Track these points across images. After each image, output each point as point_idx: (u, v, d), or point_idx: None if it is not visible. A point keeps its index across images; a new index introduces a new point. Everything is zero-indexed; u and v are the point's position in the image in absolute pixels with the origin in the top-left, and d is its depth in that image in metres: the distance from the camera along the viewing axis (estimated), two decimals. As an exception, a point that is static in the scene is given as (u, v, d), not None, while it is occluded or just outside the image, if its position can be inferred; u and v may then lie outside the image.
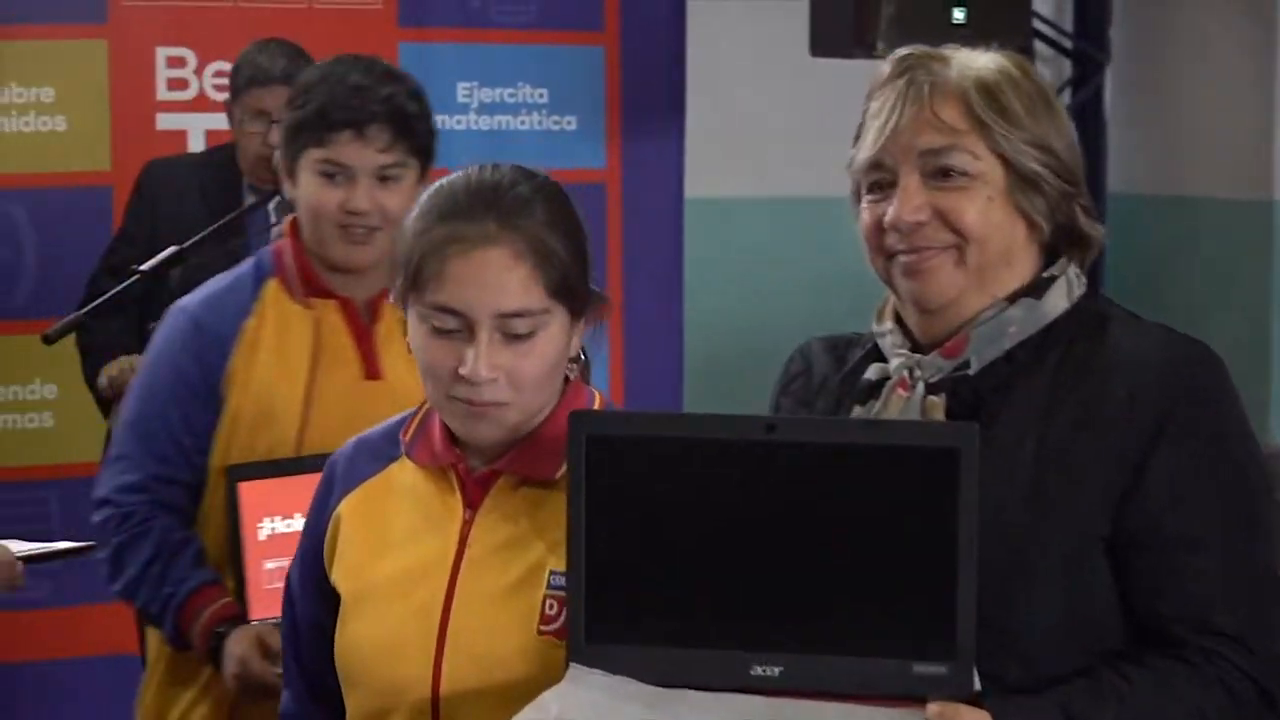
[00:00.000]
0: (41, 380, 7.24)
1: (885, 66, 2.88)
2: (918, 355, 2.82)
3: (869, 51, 7.38)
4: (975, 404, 2.76)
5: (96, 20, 7.54)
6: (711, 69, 8.83)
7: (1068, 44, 13.80)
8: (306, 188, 4.02)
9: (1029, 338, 2.79)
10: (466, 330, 2.86)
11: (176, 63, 7.67)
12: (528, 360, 2.88)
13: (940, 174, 2.77)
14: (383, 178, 3.99)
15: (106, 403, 6.15)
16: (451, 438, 3.03)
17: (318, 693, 3.18)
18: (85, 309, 5.67)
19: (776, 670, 2.53)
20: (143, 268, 5.29)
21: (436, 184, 3.02)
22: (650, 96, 8.39)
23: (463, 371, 2.84)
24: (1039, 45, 12.74)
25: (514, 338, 2.87)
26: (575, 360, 3.03)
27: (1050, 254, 2.87)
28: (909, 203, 2.76)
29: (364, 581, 3.08)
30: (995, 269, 2.80)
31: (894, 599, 2.52)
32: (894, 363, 2.84)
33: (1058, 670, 2.66)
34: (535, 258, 2.88)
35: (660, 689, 2.54)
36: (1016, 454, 2.70)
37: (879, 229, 2.82)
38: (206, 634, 3.76)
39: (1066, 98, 13.80)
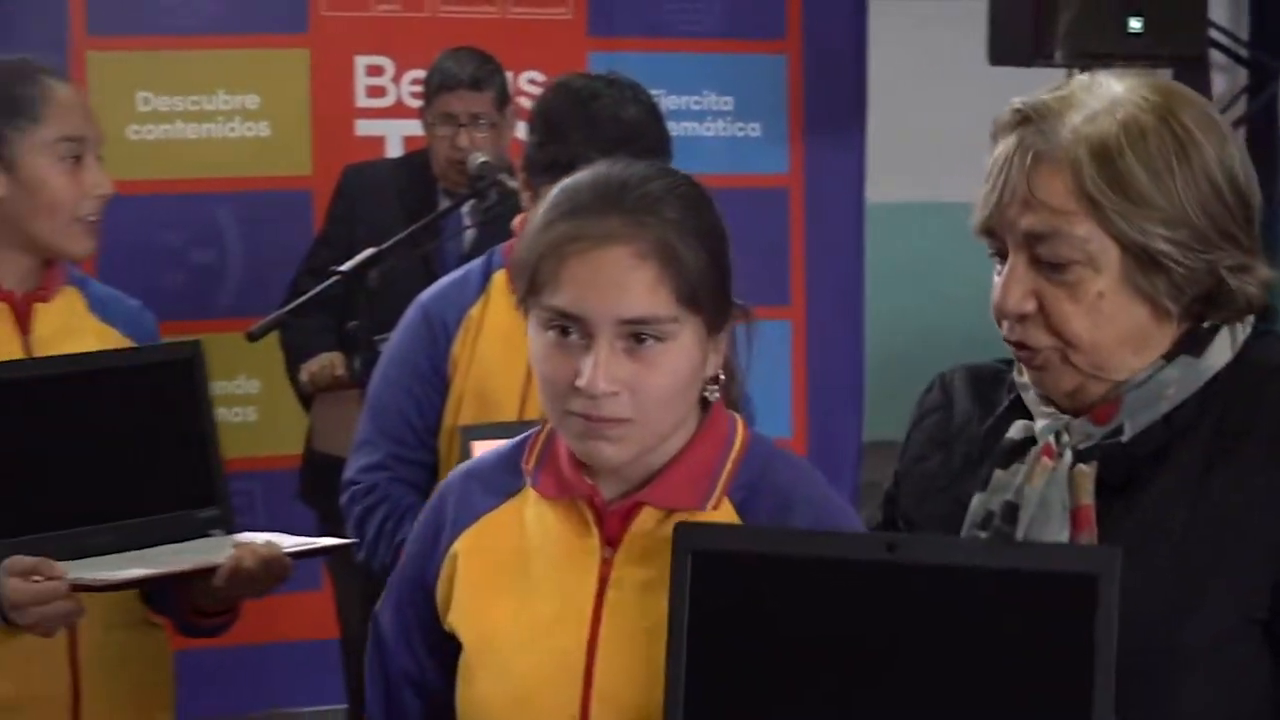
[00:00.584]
0: (246, 376, 7.31)
1: (1004, 113, 2.51)
2: (1066, 417, 2.47)
3: (1047, 60, 7.31)
4: (1129, 473, 2.41)
5: (298, 30, 7.60)
6: (891, 76, 8.79)
7: (1243, 52, 13.64)
8: None
9: (1188, 398, 2.42)
10: (586, 338, 2.48)
11: (375, 71, 7.72)
12: (653, 374, 2.49)
13: (1047, 261, 2.39)
14: None
15: (307, 397, 6.20)
16: (582, 465, 2.63)
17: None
18: (287, 308, 5.68)
19: None
20: (342, 269, 5.30)
21: (565, 181, 2.64)
22: (832, 103, 8.36)
23: (579, 383, 2.46)
24: (1214, 54, 12.60)
25: (638, 347, 2.48)
26: (716, 380, 2.65)
27: (1199, 314, 2.45)
28: (1013, 292, 2.42)
29: (490, 628, 2.69)
30: (1117, 360, 2.43)
31: None
32: (1040, 425, 2.48)
33: None
34: (662, 259, 2.48)
35: None
36: (1167, 526, 2.37)
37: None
38: None
39: (1242, 105, 13.66)
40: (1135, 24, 7.29)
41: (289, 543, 3.47)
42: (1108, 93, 2.42)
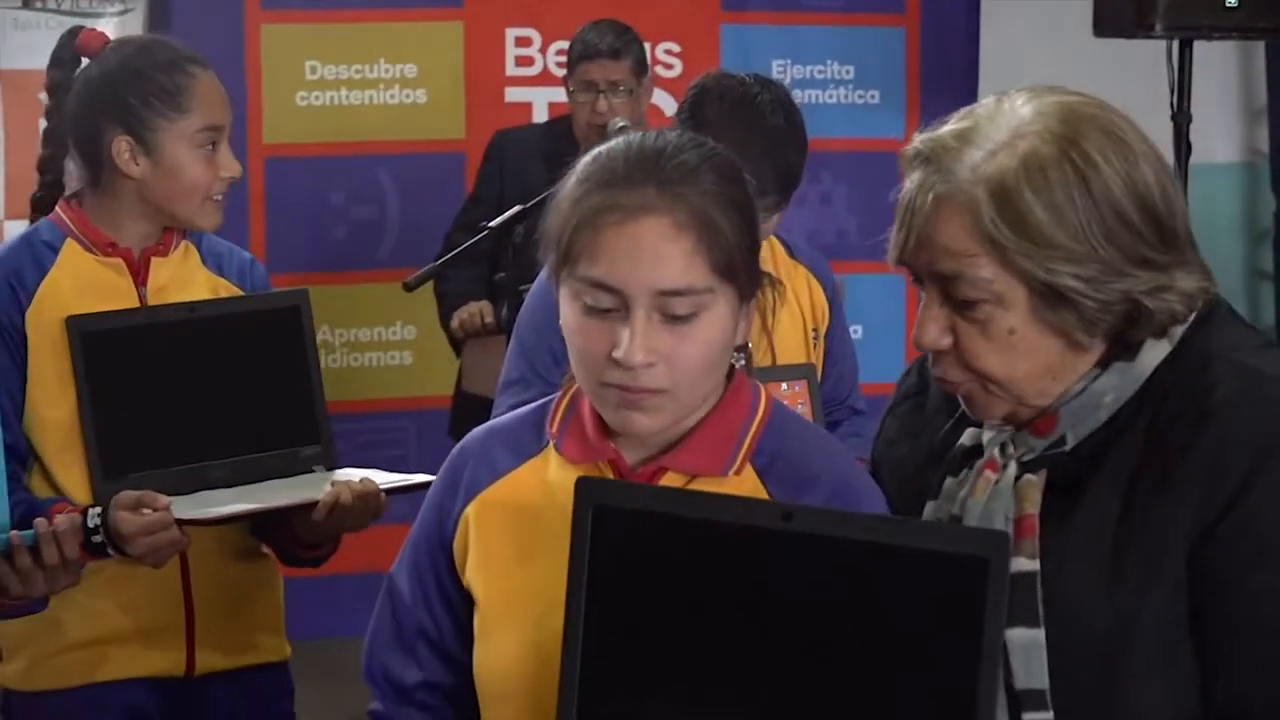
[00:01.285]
0: (402, 323, 7.32)
1: (909, 148, 2.38)
2: (1011, 428, 2.32)
3: (1149, 32, 7.22)
4: (1076, 477, 2.26)
5: (454, 4, 7.64)
6: (1003, 48, 8.72)
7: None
8: None
9: (1128, 400, 2.25)
10: (622, 309, 2.27)
11: (524, 42, 7.74)
12: (689, 345, 2.29)
13: (958, 300, 2.25)
14: None
15: (458, 343, 6.24)
16: (605, 429, 2.43)
17: (411, 699, 2.58)
18: (441, 260, 5.71)
19: None
20: (491, 224, 5.31)
21: (596, 150, 2.43)
22: (946, 72, 8.33)
23: (616, 355, 2.26)
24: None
25: (674, 319, 2.27)
26: (741, 349, 2.47)
27: (1120, 335, 2.28)
28: (929, 328, 2.27)
29: (508, 587, 2.50)
30: (1037, 388, 2.27)
31: (902, 712, 2.11)
32: (986, 436, 2.33)
33: None
34: (700, 230, 2.28)
35: None
36: (1103, 528, 2.21)
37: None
38: None
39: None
40: (1233, 0, 7.19)
41: (384, 480, 3.46)
42: (1011, 122, 2.27)
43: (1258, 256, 14.21)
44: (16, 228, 6.99)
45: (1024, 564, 2.20)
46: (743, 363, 2.51)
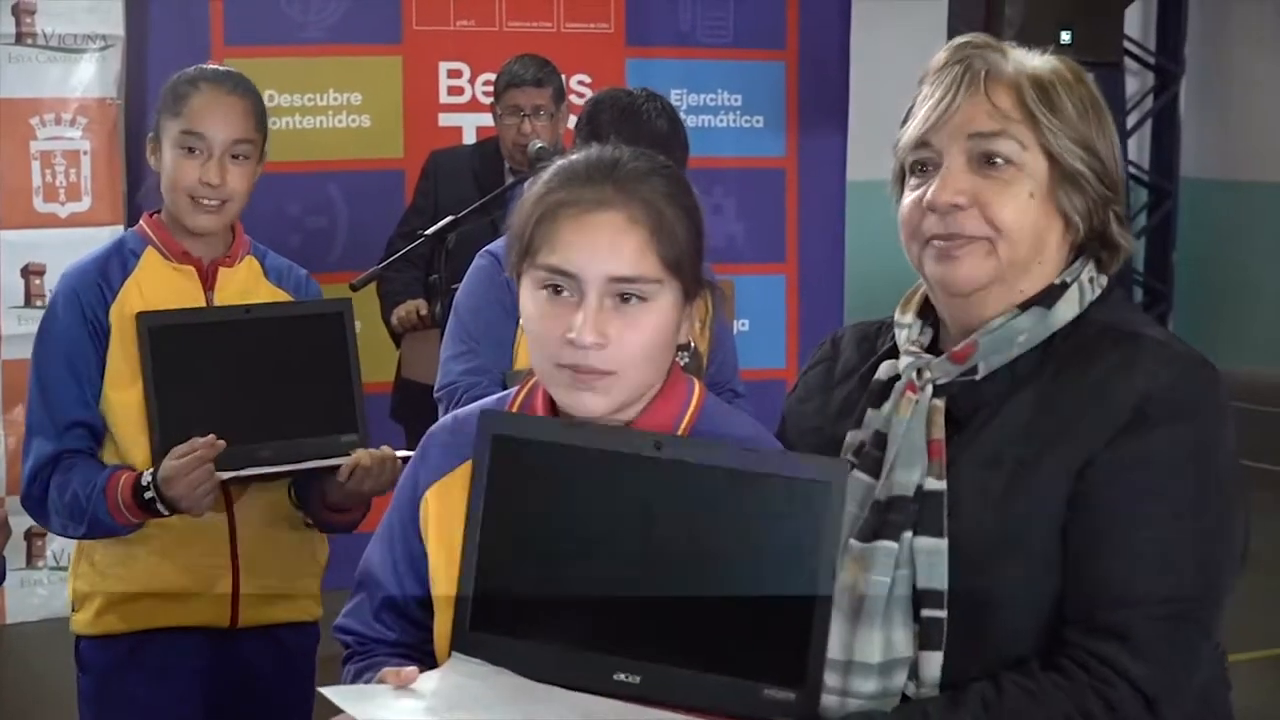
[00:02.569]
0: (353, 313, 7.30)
1: (942, 54, 2.36)
2: (928, 356, 2.30)
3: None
4: (974, 408, 2.27)
5: (394, 41, 7.63)
6: (869, 77, 8.77)
7: (1151, 60, 13.64)
8: None
9: (1033, 348, 2.26)
10: (577, 294, 2.22)
11: (455, 74, 7.74)
12: (636, 330, 2.23)
13: (986, 160, 2.24)
14: None
15: (397, 335, 6.23)
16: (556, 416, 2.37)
17: (377, 654, 2.45)
18: (383, 264, 5.70)
19: (637, 679, 2.13)
20: (427, 232, 5.31)
21: (559, 162, 2.37)
22: (820, 99, 8.40)
23: (570, 335, 2.20)
24: (1128, 61, 12.57)
25: (624, 305, 2.23)
26: (685, 348, 2.46)
27: (1078, 255, 2.33)
28: (952, 185, 2.24)
29: (456, 565, 2.39)
30: (1024, 266, 2.27)
31: (752, 623, 2.12)
32: (903, 363, 2.32)
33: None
34: (651, 226, 2.23)
35: (528, 683, 2.17)
36: (1001, 458, 2.21)
37: (919, 210, 2.29)
38: None
39: (1149, 103, 13.64)
40: (1065, 37, 7.28)
41: (402, 452, 3.50)
42: (1032, 54, 2.33)
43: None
44: (12, 237, 6.98)
45: (933, 484, 2.21)
46: (686, 360, 2.50)
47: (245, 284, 3.61)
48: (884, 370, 2.35)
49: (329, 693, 2.09)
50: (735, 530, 2.15)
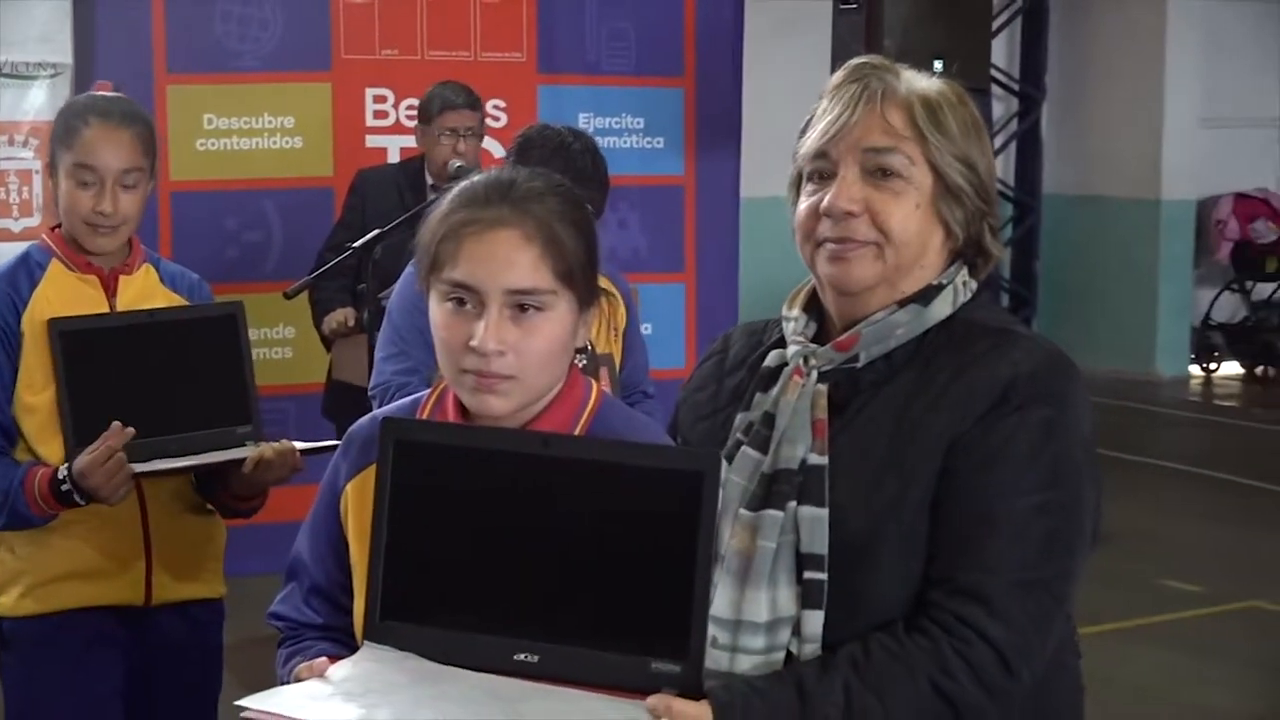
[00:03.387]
0: (284, 324, 7.27)
1: (841, 73, 2.37)
2: (814, 345, 2.32)
3: (874, 93, 7.32)
4: (854, 393, 2.28)
5: (324, 69, 7.60)
6: (759, 103, 8.79)
7: (1016, 86, 13.74)
8: None
9: (909, 341, 2.29)
10: (478, 306, 2.23)
11: (380, 99, 7.71)
12: (534, 338, 2.24)
13: (878, 172, 2.26)
14: None
15: (328, 341, 6.22)
16: (465, 418, 2.36)
17: (306, 636, 2.45)
18: (314, 274, 5.70)
19: (536, 658, 2.13)
20: (355, 245, 5.31)
21: (461, 184, 2.37)
22: (716, 123, 8.42)
23: (473, 344, 2.21)
24: (995, 88, 12.66)
25: (522, 315, 2.23)
26: (581, 350, 2.48)
27: (954, 260, 2.35)
28: (846, 193, 2.26)
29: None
30: (908, 268, 2.29)
31: (639, 603, 2.13)
32: (791, 350, 2.33)
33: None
34: (544, 242, 2.24)
35: (436, 666, 2.16)
36: (878, 437, 2.23)
37: (814, 215, 2.30)
38: None
39: (1014, 125, 13.74)
40: (939, 65, 7.29)
41: (301, 445, 3.53)
42: (921, 75, 2.35)
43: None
44: (-32, 249, 6.94)
45: (815, 458, 2.23)
46: (584, 363, 2.47)
47: (143, 290, 3.61)
48: (772, 358, 2.37)
49: (249, 702, 2.07)
50: (619, 519, 2.15)
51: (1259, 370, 13.37)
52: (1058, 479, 2.19)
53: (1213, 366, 13.64)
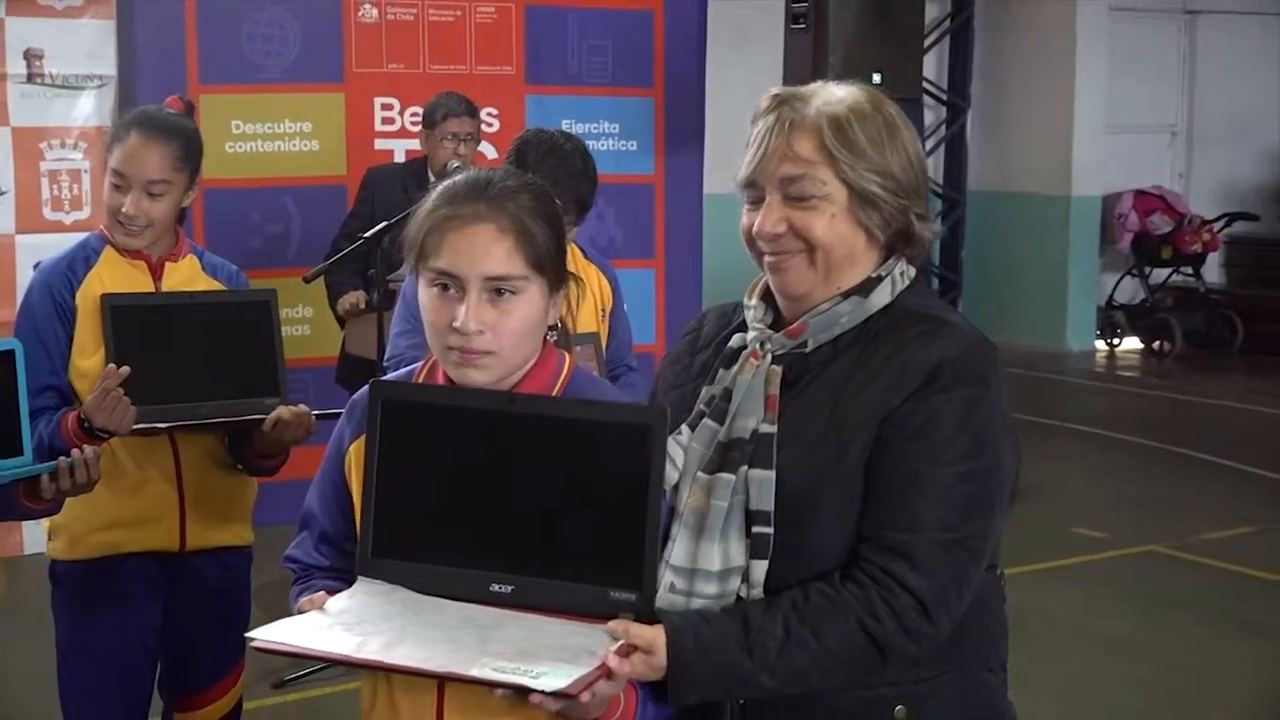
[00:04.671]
0: (303, 305, 7.25)
1: (763, 102, 2.36)
2: (770, 332, 2.33)
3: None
4: (803, 372, 2.28)
5: (338, 81, 7.58)
6: (721, 111, 8.78)
7: (944, 96, 13.75)
8: None
9: (852, 327, 2.29)
10: (460, 291, 2.25)
11: (387, 107, 7.70)
12: (510, 318, 2.25)
13: (796, 196, 2.26)
14: None
15: (341, 319, 6.21)
16: None
17: (324, 554, 2.48)
18: (329, 261, 5.69)
19: (509, 588, 2.17)
20: (365, 235, 5.30)
21: (444, 183, 2.38)
22: (683, 128, 8.43)
23: (456, 325, 2.23)
24: (927, 98, 12.66)
25: (499, 298, 2.25)
26: (554, 328, 2.44)
27: (889, 252, 2.34)
28: (770, 218, 2.27)
29: None
30: (840, 268, 2.28)
31: (598, 540, 2.15)
32: (750, 335, 2.35)
33: None
34: (517, 234, 2.26)
35: (420, 596, 2.20)
36: (821, 410, 2.23)
37: (751, 234, 2.32)
38: None
39: (943, 130, 13.74)
40: (877, 78, 7.30)
41: (319, 411, 3.53)
42: (838, 91, 2.31)
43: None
44: (26, 240, 6.90)
45: (766, 427, 2.24)
46: (554, 337, 2.48)
47: (187, 276, 3.61)
48: (735, 340, 2.37)
49: (257, 634, 2.09)
50: (579, 467, 2.17)
51: (1156, 345, 13.40)
52: (978, 449, 2.19)
53: (1115, 342, 13.66)
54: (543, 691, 1.95)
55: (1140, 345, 13.60)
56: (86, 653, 3.56)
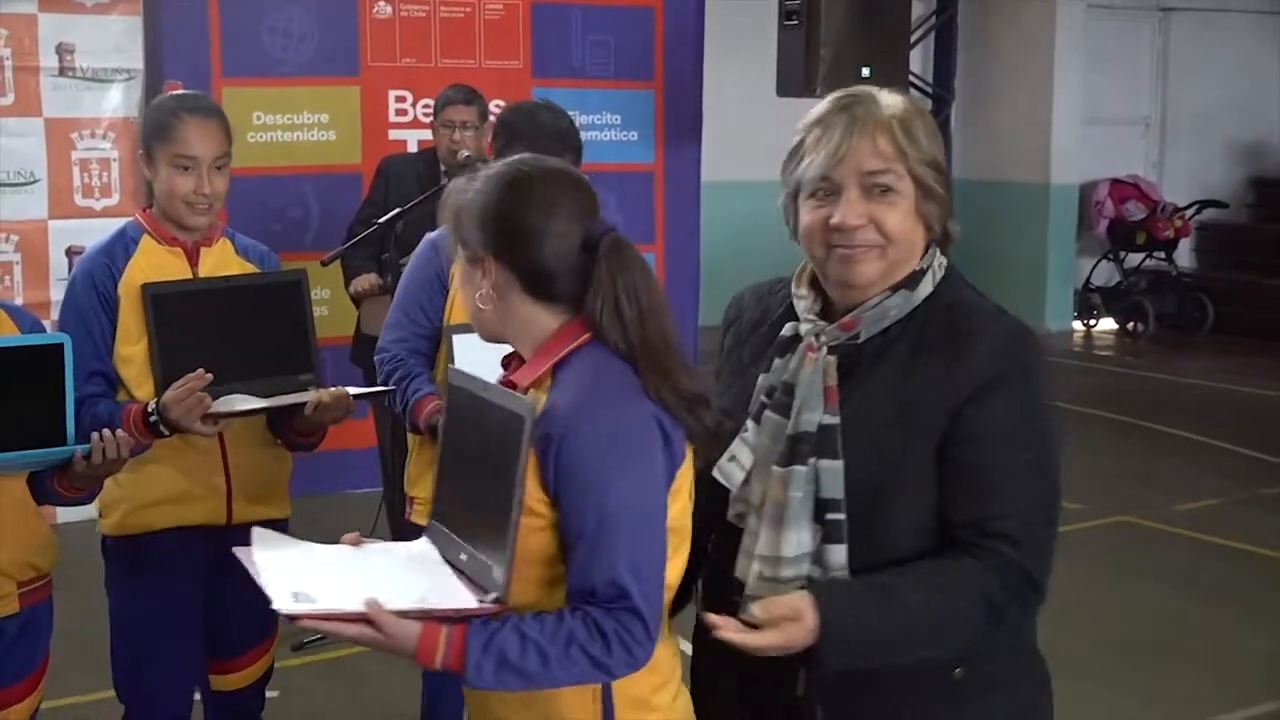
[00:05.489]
0: (320, 287, 7.23)
1: (826, 104, 2.35)
2: (823, 323, 2.33)
3: (813, 93, 7.30)
4: (857, 363, 2.30)
5: (354, 74, 7.58)
6: (717, 104, 8.77)
7: (930, 89, 13.73)
8: None
9: (900, 318, 2.31)
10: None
11: (401, 99, 7.70)
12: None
13: (875, 189, 2.27)
14: None
15: (357, 300, 6.18)
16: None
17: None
18: (345, 245, 5.69)
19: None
20: (379, 220, 5.29)
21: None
22: (681, 120, 8.42)
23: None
24: (913, 90, 12.63)
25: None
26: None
27: (939, 243, 2.40)
28: (853, 210, 2.26)
29: None
30: (902, 261, 2.31)
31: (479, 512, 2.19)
32: (804, 327, 2.34)
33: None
34: None
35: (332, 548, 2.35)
36: (882, 401, 2.26)
37: (825, 228, 2.30)
38: (428, 423, 3.69)
39: (928, 122, 13.72)
40: (866, 72, 7.28)
41: (353, 390, 3.52)
42: (888, 95, 2.35)
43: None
44: (59, 225, 6.91)
45: (829, 419, 2.25)
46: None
47: (221, 260, 3.60)
48: (789, 329, 2.36)
49: (255, 534, 2.30)
50: (485, 440, 2.19)
51: (1130, 326, 13.39)
52: (1039, 435, 2.26)
53: (1092, 323, 13.66)
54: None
55: (1115, 326, 13.59)
56: (137, 625, 3.56)
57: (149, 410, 3.33)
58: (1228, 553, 7.00)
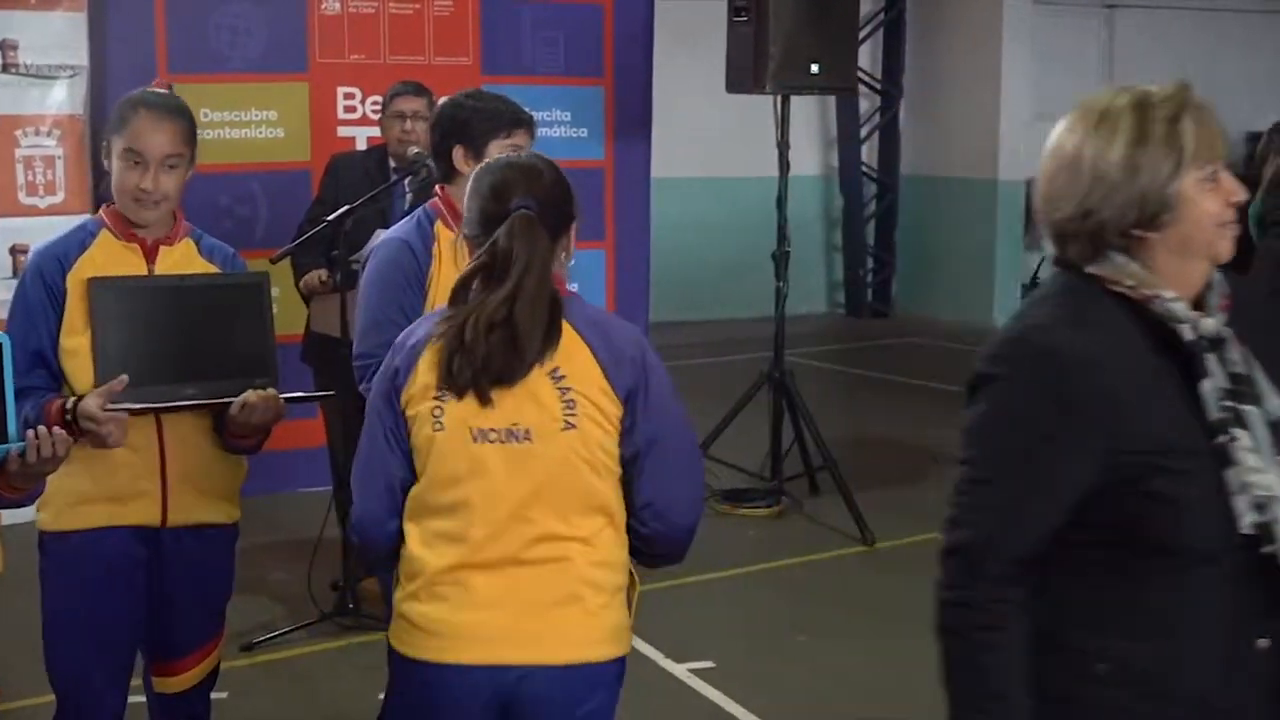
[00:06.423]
0: (270, 284, 7.21)
1: (1169, 105, 2.47)
2: (1196, 314, 2.28)
3: (761, 90, 7.28)
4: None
5: (301, 71, 7.55)
6: (667, 100, 8.78)
7: (879, 86, 13.77)
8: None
9: None
10: None
11: (349, 96, 7.67)
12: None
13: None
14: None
15: (306, 298, 6.16)
16: None
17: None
18: (295, 243, 5.67)
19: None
20: (328, 218, 5.27)
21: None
22: (631, 116, 8.42)
23: None
24: (862, 88, 12.67)
25: None
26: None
27: None
28: (1239, 186, 2.31)
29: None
30: None
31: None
32: (1207, 323, 2.26)
33: None
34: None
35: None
36: (1268, 363, 2.31)
37: (1228, 205, 2.29)
38: None
39: (877, 118, 13.76)
40: (815, 68, 7.26)
41: (284, 395, 3.46)
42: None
43: (831, 236, 14.48)
44: (3, 224, 6.85)
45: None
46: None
47: (182, 259, 3.54)
48: (1205, 328, 2.28)
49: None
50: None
51: (1077, 320, 13.50)
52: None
53: (1040, 317, 13.75)
54: None
55: (1063, 321, 13.68)
56: (71, 621, 3.51)
57: (66, 407, 3.30)
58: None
